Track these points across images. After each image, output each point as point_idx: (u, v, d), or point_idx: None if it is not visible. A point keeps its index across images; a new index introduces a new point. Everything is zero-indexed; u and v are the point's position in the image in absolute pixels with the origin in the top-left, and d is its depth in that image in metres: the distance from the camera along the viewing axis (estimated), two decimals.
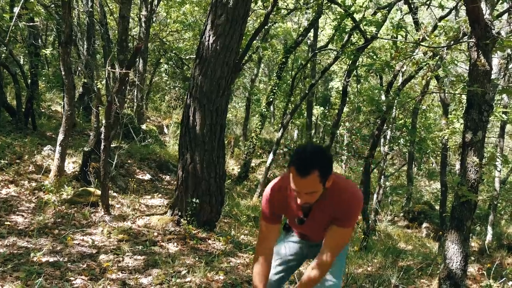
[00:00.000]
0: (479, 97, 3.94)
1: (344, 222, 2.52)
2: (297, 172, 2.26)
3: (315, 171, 2.25)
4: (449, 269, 3.94)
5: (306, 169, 2.24)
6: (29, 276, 3.95)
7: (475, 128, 3.96)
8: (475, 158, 3.91)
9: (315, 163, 2.26)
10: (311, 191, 2.32)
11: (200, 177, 5.89)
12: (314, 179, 2.27)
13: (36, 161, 8.40)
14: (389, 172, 16.20)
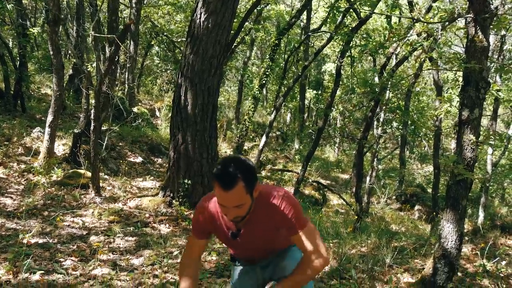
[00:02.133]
0: (476, 74, 3.86)
1: (294, 228, 2.37)
2: (221, 186, 2.14)
3: (239, 183, 2.13)
4: (444, 248, 3.90)
5: (230, 181, 2.13)
6: (17, 258, 3.87)
7: (472, 105, 3.89)
8: (471, 136, 3.84)
9: (238, 174, 2.13)
10: (239, 203, 2.18)
11: (192, 157, 5.81)
12: (240, 190, 2.15)
13: (25, 143, 8.27)
14: (382, 155, 16.20)
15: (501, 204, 14.81)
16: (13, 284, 3.41)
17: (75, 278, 3.72)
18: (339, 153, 19.86)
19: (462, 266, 4.91)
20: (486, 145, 4.65)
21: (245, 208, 2.23)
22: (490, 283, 4.49)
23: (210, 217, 2.48)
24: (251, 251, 2.65)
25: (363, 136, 8.75)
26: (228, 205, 2.18)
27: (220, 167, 2.17)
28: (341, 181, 15.44)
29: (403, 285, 4.18)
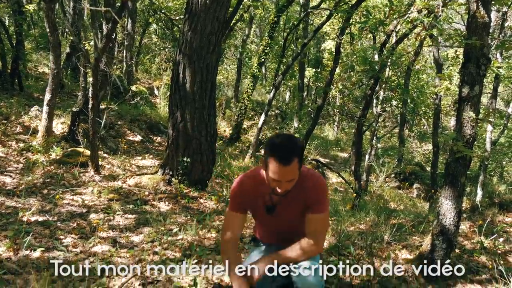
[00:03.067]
0: (477, 50, 3.82)
1: (317, 207, 2.60)
2: (280, 161, 2.34)
3: (295, 158, 2.36)
4: (442, 225, 3.91)
5: (289, 157, 2.34)
6: (17, 235, 3.89)
7: (472, 82, 3.86)
8: (471, 113, 3.82)
9: (295, 150, 2.38)
10: (292, 178, 2.41)
11: (191, 135, 5.79)
12: (295, 166, 2.38)
13: (24, 121, 8.25)
14: (381, 133, 16.18)
15: (499, 182, 14.86)
16: (14, 261, 3.43)
17: (75, 255, 3.74)
18: (338, 131, 19.84)
19: (460, 243, 4.94)
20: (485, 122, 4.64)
21: (293, 183, 2.46)
22: (488, 259, 4.52)
23: (249, 192, 2.67)
24: (279, 229, 2.81)
25: (363, 114, 8.73)
26: (282, 179, 2.39)
27: (280, 144, 2.39)
28: (340, 159, 15.47)
29: (401, 262, 4.21)
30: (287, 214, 2.68)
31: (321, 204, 2.61)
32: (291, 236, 2.74)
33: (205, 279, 3.54)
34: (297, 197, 2.60)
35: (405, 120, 16.56)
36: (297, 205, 2.63)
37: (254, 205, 2.74)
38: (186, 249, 4.05)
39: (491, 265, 4.26)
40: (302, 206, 2.62)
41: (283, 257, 2.62)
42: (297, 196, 2.59)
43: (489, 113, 3.92)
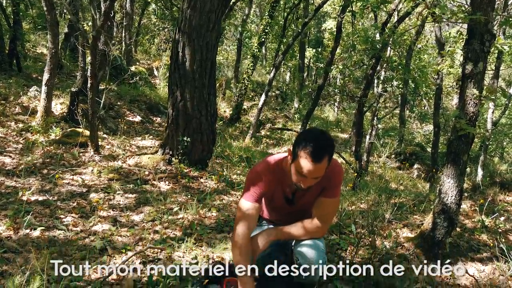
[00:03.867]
0: (481, 26, 3.75)
1: (331, 191, 2.57)
2: (313, 158, 2.27)
3: (326, 156, 2.31)
4: (444, 203, 3.90)
5: (321, 155, 2.28)
6: (17, 214, 3.87)
7: (476, 59, 3.80)
8: (474, 91, 3.77)
9: (327, 149, 2.32)
10: (319, 175, 2.36)
11: (191, 115, 5.74)
12: (324, 164, 2.32)
13: (22, 102, 8.20)
14: (382, 114, 16.12)
15: (500, 162, 14.86)
16: (14, 240, 3.42)
17: (75, 234, 3.73)
18: (339, 112, 19.77)
19: (460, 222, 4.94)
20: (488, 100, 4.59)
21: (318, 180, 2.40)
22: (489, 238, 4.52)
23: (269, 182, 2.59)
24: (289, 215, 2.77)
25: (363, 94, 8.68)
26: (309, 176, 2.32)
27: (313, 140, 2.29)
28: (341, 140, 15.44)
29: (402, 240, 4.21)
30: (305, 200, 2.66)
31: (335, 189, 2.59)
32: (301, 218, 2.72)
33: (206, 257, 3.54)
34: (316, 185, 2.51)
35: (406, 101, 16.50)
36: (315, 191, 2.59)
37: (273, 195, 2.69)
38: (186, 228, 4.04)
39: (492, 243, 4.26)
40: (319, 191, 2.60)
41: (286, 232, 2.59)
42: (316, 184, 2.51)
43: (492, 91, 3.86)
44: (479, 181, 8.55)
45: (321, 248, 2.64)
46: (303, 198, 2.64)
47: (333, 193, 2.58)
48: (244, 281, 2.42)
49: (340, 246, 3.97)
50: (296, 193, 2.63)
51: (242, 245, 2.50)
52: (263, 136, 12.09)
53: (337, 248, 3.95)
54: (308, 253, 2.56)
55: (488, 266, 3.91)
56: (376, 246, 3.73)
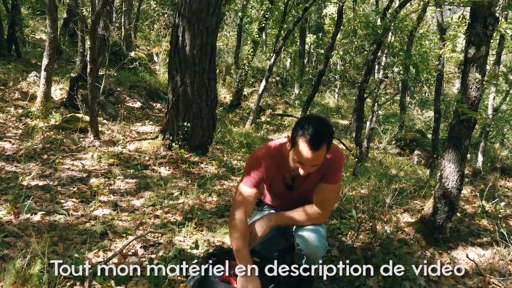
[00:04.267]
0: (484, 10, 3.72)
1: (331, 177, 2.55)
2: (311, 146, 2.24)
3: (324, 144, 2.27)
4: (445, 188, 3.89)
5: (319, 142, 2.24)
6: (17, 199, 3.87)
7: (478, 42, 3.76)
8: (477, 75, 3.74)
9: (326, 137, 2.28)
10: (317, 163, 2.33)
11: (191, 100, 5.71)
12: (323, 151, 2.28)
13: (22, 87, 8.16)
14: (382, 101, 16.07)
15: (501, 147, 14.85)
16: (15, 224, 3.42)
17: (76, 218, 3.73)
18: (339, 99, 19.71)
19: (461, 207, 4.93)
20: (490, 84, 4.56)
21: (317, 168, 2.37)
22: (489, 223, 4.52)
23: (268, 168, 2.58)
24: (291, 201, 2.74)
25: (364, 80, 8.63)
26: (307, 164, 2.29)
27: (310, 127, 2.25)
28: (341, 126, 15.41)
29: (402, 225, 4.21)
30: (305, 186, 2.63)
31: (335, 175, 2.56)
32: (302, 204, 2.70)
33: (206, 241, 3.54)
34: (316, 172, 2.48)
35: (406, 87, 16.44)
36: (315, 177, 2.56)
37: (273, 180, 2.68)
38: (187, 212, 4.04)
39: (493, 228, 4.26)
40: (320, 177, 2.57)
41: (287, 217, 2.58)
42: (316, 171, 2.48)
43: (494, 75, 3.83)
44: (480, 167, 8.54)
45: (322, 233, 2.63)
46: (303, 184, 2.62)
47: (334, 179, 2.55)
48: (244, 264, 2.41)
49: (340, 231, 3.98)
50: (296, 179, 2.60)
51: (240, 228, 2.48)
52: (263, 122, 12.06)
53: (338, 233, 3.96)
54: (309, 238, 2.56)
55: (488, 251, 3.91)
56: (377, 230, 3.73)
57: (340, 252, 3.59)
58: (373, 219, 3.82)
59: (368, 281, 3.17)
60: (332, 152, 2.46)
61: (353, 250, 3.59)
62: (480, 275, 3.48)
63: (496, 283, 3.39)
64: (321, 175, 2.55)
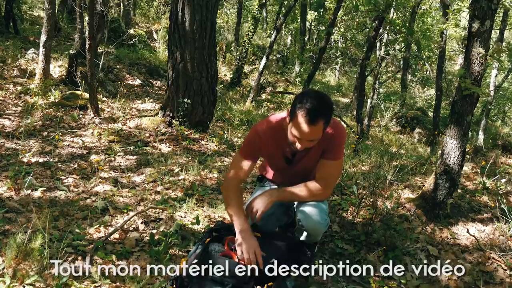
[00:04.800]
0: None
1: (332, 153, 2.52)
2: (306, 120, 2.22)
3: (322, 120, 2.25)
4: (446, 164, 3.87)
5: (316, 117, 2.22)
6: (18, 175, 3.86)
7: (483, 16, 3.70)
8: (480, 49, 3.69)
9: (324, 112, 2.25)
10: (314, 139, 2.31)
11: (191, 76, 5.67)
12: (320, 127, 2.26)
13: (20, 65, 8.10)
14: (383, 78, 15.97)
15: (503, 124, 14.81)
16: (16, 200, 3.42)
17: (77, 194, 3.73)
18: (340, 76, 19.59)
19: (462, 184, 4.93)
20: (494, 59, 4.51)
21: (315, 143, 2.36)
22: (490, 199, 4.52)
23: (267, 141, 2.57)
24: (292, 176, 2.73)
25: (366, 57, 8.55)
26: (304, 138, 2.28)
27: (308, 101, 2.23)
28: (342, 104, 15.35)
29: (403, 201, 4.21)
30: (305, 162, 2.62)
31: (337, 151, 2.53)
32: (304, 180, 2.69)
33: (207, 217, 3.54)
34: (317, 146, 2.48)
35: (408, 65, 16.32)
36: (315, 152, 2.55)
37: (272, 154, 2.67)
38: (187, 188, 4.03)
39: (493, 204, 4.26)
40: (320, 152, 2.55)
41: (289, 193, 2.56)
42: (316, 144, 2.47)
43: (498, 50, 3.79)
44: (481, 144, 8.51)
45: (324, 209, 2.62)
46: (303, 159, 2.60)
47: (335, 155, 2.53)
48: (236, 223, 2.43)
49: (341, 207, 3.98)
50: (296, 154, 2.59)
51: (231, 191, 2.54)
52: (263, 100, 11.99)
53: (339, 209, 3.96)
54: (311, 214, 2.55)
55: (489, 227, 3.92)
56: (378, 206, 3.73)
57: (341, 228, 3.60)
58: (374, 195, 3.81)
59: (368, 255, 3.18)
60: (333, 127, 2.46)
61: (353, 226, 3.60)
62: (480, 250, 3.49)
63: (496, 258, 3.40)
64: (322, 150, 2.53)
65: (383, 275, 2.99)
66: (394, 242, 3.35)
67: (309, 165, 2.63)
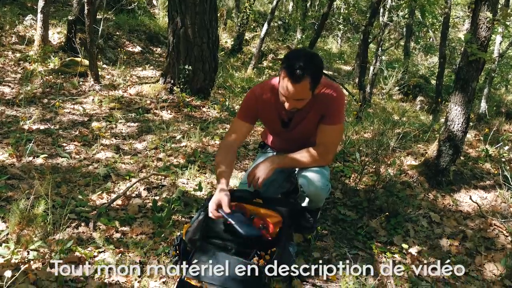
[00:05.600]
0: None
1: (331, 118, 2.49)
2: (289, 78, 2.19)
3: (307, 78, 2.20)
4: (450, 131, 3.85)
5: (299, 76, 2.18)
6: (19, 142, 3.84)
7: None
8: (488, 13, 3.61)
9: (308, 71, 2.19)
10: (300, 98, 2.28)
11: (192, 42, 5.58)
12: (305, 86, 2.22)
13: (18, 31, 7.98)
14: (386, 46, 15.76)
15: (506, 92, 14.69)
16: (18, 167, 3.41)
17: (79, 161, 3.72)
18: (342, 44, 19.36)
19: (465, 151, 4.92)
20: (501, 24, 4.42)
21: (303, 102, 2.33)
22: (492, 166, 4.52)
23: (264, 103, 2.56)
24: (293, 139, 2.72)
25: (369, 23, 8.42)
26: (289, 97, 2.26)
27: (292, 59, 2.20)
28: (344, 72, 15.21)
29: (406, 168, 4.21)
30: (303, 126, 2.59)
31: (336, 115, 2.50)
32: (304, 146, 2.67)
33: (209, 183, 3.54)
34: (314, 109, 2.48)
35: (411, 32, 16.09)
36: (313, 117, 2.52)
37: (268, 116, 2.64)
38: (189, 155, 4.02)
39: (496, 172, 4.26)
40: (318, 117, 2.52)
41: (291, 159, 2.54)
42: (313, 107, 2.47)
43: (506, 14, 3.70)
44: (485, 111, 8.45)
45: (326, 175, 2.61)
46: (301, 123, 2.58)
47: (334, 120, 2.50)
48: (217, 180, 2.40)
49: (344, 174, 3.98)
50: (293, 118, 2.57)
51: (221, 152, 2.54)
52: (265, 67, 11.86)
53: (341, 176, 3.96)
54: (313, 179, 2.54)
55: (491, 194, 3.93)
56: (380, 173, 3.72)
57: (343, 195, 3.61)
58: (377, 162, 3.80)
59: (371, 222, 3.19)
60: (329, 91, 2.44)
61: (356, 193, 3.60)
62: (482, 217, 3.50)
63: (498, 224, 3.41)
64: (319, 115, 2.51)
65: (384, 241, 3.02)
66: (396, 208, 3.35)
67: (307, 130, 2.60)
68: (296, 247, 2.55)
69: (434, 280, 2.68)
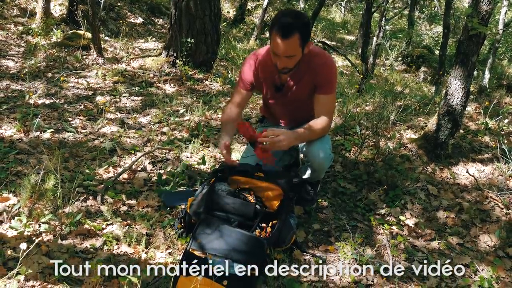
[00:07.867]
0: None
1: (325, 87, 2.58)
2: (279, 34, 2.29)
3: (296, 34, 2.29)
4: (449, 105, 3.89)
5: (288, 31, 2.28)
6: (26, 117, 3.92)
7: None
8: None
9: (296, 26, 2.29)
10: (291, 54, 2.36)
11: (194, 15, 5.57)
12: (295, 41, 2.31)
13: (20, 3, 7.96)
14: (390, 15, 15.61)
15: (509, 64, 14.59)
16: (26, 142, 3.49)
17: (84, 135, 3.80)
18: (346, 13, 19.15)
19: (464, 124, 4.97)
20: None
21: (294, 60, 2.43)
22: (491, 139, 4.58)
23: (258, 68, 2.67)
24: (288, 110, 2.84)
25: None
26: (280, 54, 2.35)
27: (281, 16, 2.33)
28: (347, 42, 15.11)
29: (405, 141, 4.27)
30: (296, 93, 2.66)
31: (329, 84, 2.58)
32: (299, 117, 2.74)
33: (213, 157, 3.62)
34: (306, 76, 2.57)
35: (415, 1, 15.89)
36: (305, 85, 2.60)
37: (263, 83, 2.73)
38: (193, 129, 4.10)
39: (495, 145, 4.32)
40: (311, 85, 2.60)
41: (302, 133, 2.53)
42: (305, 75, 2.56)
43: None
44: (486, 84, 8.45)
45: (329, 143, 2.70)
46: (294, 89, 2.65)
47: (327, 89, 2.58)
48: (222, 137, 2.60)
49: (344, 147, 4.05)
50: (286, 82, 2.65)
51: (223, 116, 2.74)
52: (268, 38, 11.82)
53: (341, 149, 4.03)
54: (316, 148, 2.63)
55: (488, 167, 4.00)
56: (380, 146, 3.79)
57: (343, 168, 3.69)
58: (377, 136, 3.86)
59: (370, 194, 3.28)
60: (322, 60, 2.55)
61: (356, 166, 3.68)
62: (479, 190, 3.58)
63: (494, 197, 3.49)
64: (312, 82, 2.58)
65: (383, 213, 3.12)
66: (395, 181, 3.44)
67: (300, 96, 2.68)
68: (296, 219, 2.65)
69: (430, 251, 2.79)
